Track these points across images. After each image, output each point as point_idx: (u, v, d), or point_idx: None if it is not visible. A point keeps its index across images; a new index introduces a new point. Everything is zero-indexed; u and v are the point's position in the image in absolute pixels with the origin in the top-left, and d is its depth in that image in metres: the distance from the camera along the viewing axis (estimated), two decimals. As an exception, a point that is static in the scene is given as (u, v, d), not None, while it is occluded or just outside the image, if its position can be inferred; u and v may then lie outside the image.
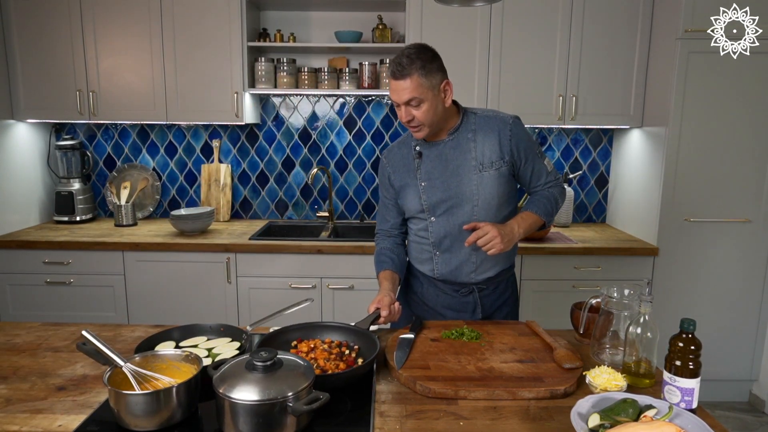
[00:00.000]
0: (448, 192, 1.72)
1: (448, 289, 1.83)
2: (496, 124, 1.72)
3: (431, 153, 1.74)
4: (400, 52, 1.61)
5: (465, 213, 1.73)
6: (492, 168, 1.70)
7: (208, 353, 1.42)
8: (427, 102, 1.61)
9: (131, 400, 1.10)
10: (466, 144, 1.71)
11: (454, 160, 1.72)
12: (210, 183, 3.36)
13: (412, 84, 1.58)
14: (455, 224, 1.74)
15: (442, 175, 1.73)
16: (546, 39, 2.91)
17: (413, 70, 1.57)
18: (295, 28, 3.22)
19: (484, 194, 1.71)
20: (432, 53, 1.63)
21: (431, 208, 1.75)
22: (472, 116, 1.75)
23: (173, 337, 1.49)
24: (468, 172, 1.71)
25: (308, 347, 1.45)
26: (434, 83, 1.61)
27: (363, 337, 1.50)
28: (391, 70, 1.60)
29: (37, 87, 2.98)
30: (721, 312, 2.90)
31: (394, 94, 1.62)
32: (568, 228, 3.28)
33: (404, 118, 1.64)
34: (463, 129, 1.73)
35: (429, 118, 1.63)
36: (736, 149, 2.75)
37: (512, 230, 1.68)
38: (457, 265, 1.78)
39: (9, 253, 2.83)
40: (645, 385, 1.34)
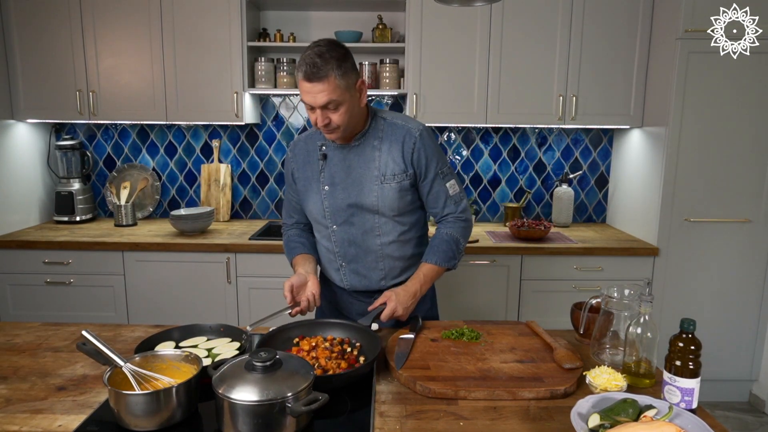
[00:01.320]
0: (349, 200, 1.65)
1: (361, 297, 1.78)
2: (402, 133, 1.63)
3: (336, 156, 1.66)
4: (310, 50, 1.48)
5: (367, 222, 1.67)
6: (393, 181, 1.63)
7: (207, 353, 1.42)
8: (345, 104, 1.51)
9: (131, 400, 1.10)
10: (371, 152, 1.63)
11: (357, 168, 1.64)
12: (210, 183, 3.36)
13: (329, 86, 1.47)
14: (358, 233, 1.68)
15: (344, 182, 1.65)
16: (546, 39, 2.91)
17: (329, 70, 1.46)
18: (295, 28, 3.22)
19: (385, 205, 1.64)
20: (345, 50, 1.52)
21: (333, 215, 1.68)
22: (381, 122, 1.65)
23: (173, 337, 1.49)
24: (370, 182, 1.63)
25: (309, 345, 1.45)
26: (350, 83, 1.51)
27: (365, 334, 1.50)
28: (304, 71, 1.46)
29: (37, 87, 2.98)
30: (721, 312, 2.89)
31: (309, 96, 1.49)
32: (568, 228, 3.28)
33: (320, 123, 1.52)
34: (370, 135, 1.64)
35: (346, 120, 1.54)
36: (736, 149, 2.75)
37: (414, 293, 1.63)
38: (366, 274, 1.73)
39: (9, 253, 2.83)
40: (645, 385, 1.33)
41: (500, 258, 2.82)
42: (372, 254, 1.71)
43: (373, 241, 1.69)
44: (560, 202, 3.27)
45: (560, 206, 3.28)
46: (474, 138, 3.37)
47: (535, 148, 3.38)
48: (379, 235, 1.69)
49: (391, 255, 1.72)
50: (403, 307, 1.60)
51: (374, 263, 1.72)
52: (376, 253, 1.71)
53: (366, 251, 1.71)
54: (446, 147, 3.37)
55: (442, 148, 3.35)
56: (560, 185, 3.30)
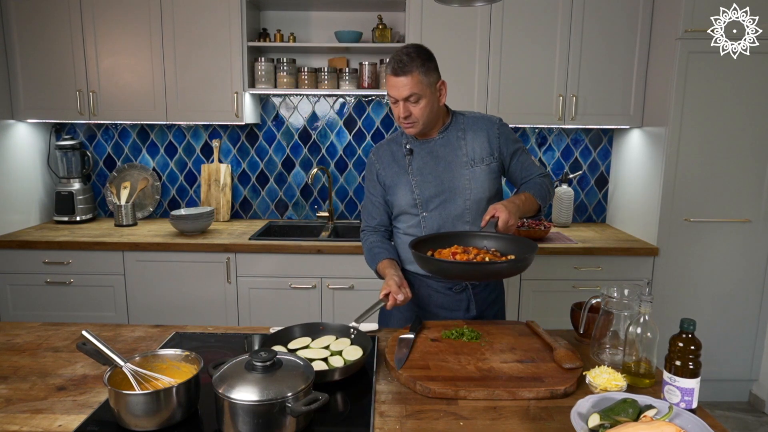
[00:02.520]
0: (440, 186, 1.76)
1: (440, 287, 1.83)
2: (484, 123, 1.79)
3: (422, 150, 1.78)
4: (399, 50, 1.66)
5: (458, 207, 1.76)
6: (483, 163, 1.76)
7: (339, 354, 1.43)
8: (425, 99, 1.66)
9: (131, 400, 1.10)
10: (456, 141, 1.77)
11: (445, 157, 1.76)
12: (210, 183, 3.36)
13: (413, 80, 1.63)
14: (448, 218, 1.77)
15: (434, 171, 1.76)
16: (546, 39, 2.91)
17: (414, 67, 1.63)
18: (295, 28, 3.22)
19: (476, 188, 1.75)
20: (429, 53, 1.69)
21: (424, 203, 1.77)
22: (460, 117, 1.81)
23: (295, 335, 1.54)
24: (459, 167, 1.75)
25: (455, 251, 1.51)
26: (432, 81, 1.67)
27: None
28: (392, 66, 1.64)
29: (37, 87, 2.98)
30: (721, 312, 2.89)
31: (394, 90, 1.65)
32: (568, 228, 3.28)
33: (402, 114, 1.67)
34: (453, 128, 1.79)
35: (425, 114, 1.68)
36: (736, 149, 2.75)
37: (518, 205, 1.67)
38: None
39: (9, 253, 2.83)
40: (645, 385, 1.34)
41: (500, 258, 2.82)
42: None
43: (462, 227, 1.77)
44: (560, 202, 3.27)
45: (560, 206, 3.27)
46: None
47: (535, 148, 3.38)
48: (468, 221, 1.77)
49: None
50: (514, 216, 1.61)
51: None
52: None
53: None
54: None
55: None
56: (560, 185, 3.30)
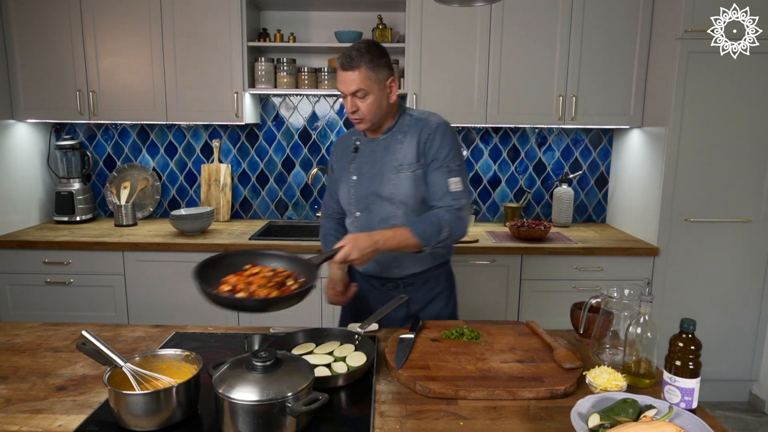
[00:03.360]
0: (370, 188, 1.78)
1: (376, 283, 1.87)
2: (420, 126, 1.73)
3: (366, 149, 1.81)
4: (351, 45, 1.67)
5: (385, 211, 1.77)
6: (408, 170, 1.73)
7: (343, 360, 1.42)
8: (373, 95, 1.67)
9: (131, 400, 1.10)
10: (395, 145, 1.76)
11: (381, 159, 1.78)
12: (210, 183, 3.36)
13: (360, 76, 1.64)
14: (375, 220, 1.78)
15: (369, 172, 1.79)
16: (546, 39, 2.91)
17: (362, 62, 1.64)
18: (295, 28, 3.22)
19: (400, 194, 1.73)
20: (382, 50, 1.69)
21: (357, 203, 1.81)
22: (407, 118, 1.78)
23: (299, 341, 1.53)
24: (388, 172, 1.75)
25: (251, 273, 1.43)
26: (381, 78, 1.67)
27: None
28: (340, 61, 1.65)
29: (37, 87, 2.98)
30: (721, 312, 2.89)
31: (342, 84, 1.67)
32: (568, 228, 3.27)
33: (349, 109, 1.69)
34: (396, 130, 1.78)
35: (372, 111, 1.69)
36: (736, 149, 2.75)
37: (375, 241, 1.58)
38: (380, 260, 1.79)
39: (9, 253, 2.83)
40: (645, 385, 1.33)
41: (500, 258, 2.82)
42: None
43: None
44: (560, 202, 3.27)
45: (560, 206, 3.27)
46: (474, 138, 3.37)
47: (535, 148, 3.38)
48: (394, 225, 1.75)
49: None
50: (359, 252, 1.53)
51: (389, 251, 1.72)
52: None
53: None
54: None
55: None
56: (560, 185, 3.30)
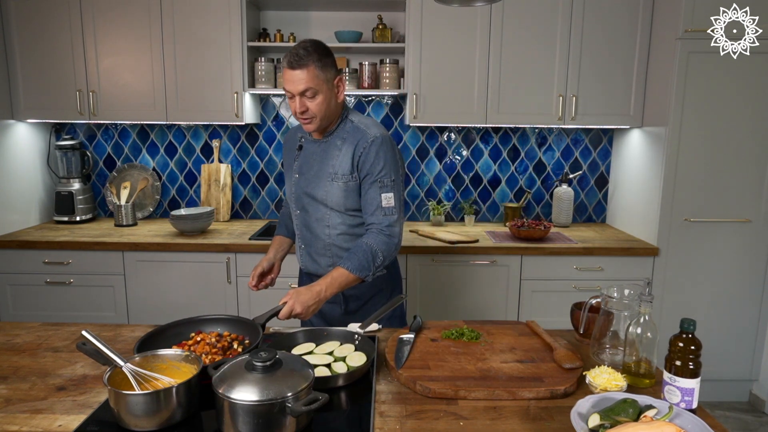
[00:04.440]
0: (306, 189, 1.81)
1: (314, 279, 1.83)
2: (358, 137, 1.72)
3: (309, 149, 1.83)
4: (296, 45, 1.67)
5: (319, 212, 1.81)
6: (341, 180, 1.74)
7: (340, 360, 1.41)
8: (322, 94, 1.67)
9: (131, 401, 1.10)
10: (333, 150, 1.77)
11: (318, 163, 1.79)
12: (210, 183, 3.36)
13: (309, 75, 1.63)
14: (311, 220, 1.83)
15: (307, 173, 1.81)
16: (546, 39, 2.91)
17: (310, 61, 1.63)
18: (295, 28, 3.22)
19: (332, 201, 1.77)
20: (327, 49, 1.69)
21: (296, 201, 1.86)
22: (349, 123, 1.78)
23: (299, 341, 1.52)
24: (323, 178, 1.77)
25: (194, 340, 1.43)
26: (329, 77, 1.68)
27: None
28: (288, 60, 1.64)
29: (37, 87, 2.98)
30: (721, 312, 2.89)
31: (290, 84, 1.65)
32: (568, 228, 3.28)
33: (298, 109, 1.67)
34: (336, 135, 1.78)
35: (322, 110, 1.69)
36: (736, 149, 2.75)
37: (317, 292, 1.61)
38: (316, 259, 1.86)
39: (9, 253, 2.83)
40: (645, 385, 1.34)
41: (500, 258, 2.82)
42: (321, 241, 1.84)
43: (322, 230, 1.83)
44: (560, 202, 3.27)
45: (560, 206, 3.27)
46: (474, 138, 3.37)
47: (535, 148, 3.38)
48: (327, 226, 1.82)
49: (339, 245, 1.83)
50: (302, 306, 1.57)
51: (323, 250, 1.85)
52: (324, 240, 1.84)
53: (316, 237, 1.85)
54: (446, 147, 3.37)
55: (441, 148, 3.36)
56: (560, 185, 3.30)
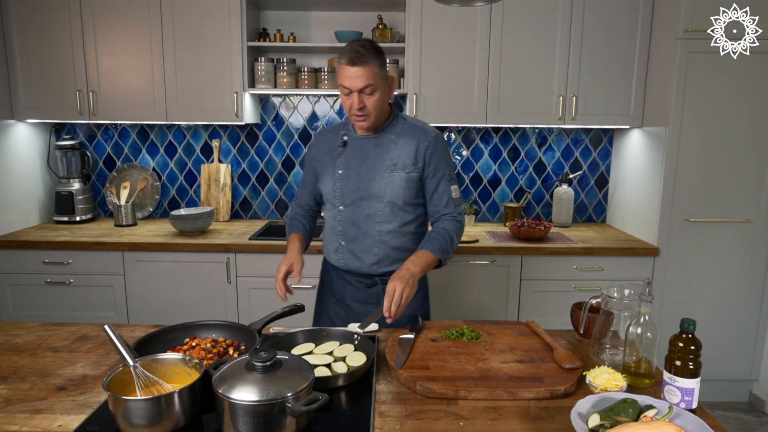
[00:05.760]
0: (359, 184, 1.80)
1: (353, 280, 1.89)
2: (418, 133, 1.80)
3: (355, 145, 1.83)
4: (353, 42, 1.69)
5: (371, 207, 1.80)
6: (403, 171, 1.77)
7: (343, 360, 1.41)
8: (379, 91, 1.70)
9: (131, 406, 1.08)
10: (387, 145, 1.80)
11: (372, 157, 1.80)
12: (210, 183, 3.36)
13: (369, 72, 1.65)
14: (360, 216, 1.81)
15: (358, 168, 1.80)
16: (546, 39, 2.91)
17: (370, 58, 1.66)
18: (295, 28, 3.22)
19: (391, 194, 1.77)
20: (381, 50, 1.73)
21: (342, 197, 1.83)
22: (401, 121, 1.83)
23: (299, 341, 1.52)
24: (381, 171, 1.78)
25: (189, 346, 1.44)
26: (385, 75, 1.72)
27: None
28: (348, 56, 1.65)
29: (37, 87, 2.98)
30: (721, 312, 2.89)
31: (349, 80, 1.66)
32: (568, 228, 3.27)
33: (356, 106, 1.69)
34: (388, 130, 1.81)
35: (378, 107, 1.72)
36: (736, 149, 2.75)
37: (412, 273, 1.65)
38: (360, 256, 1.84)
39: (9, 253, 2.83)
40: (645, 385, 1.34)
41: (500, 258, 2.82)
42: (369, 238, 1.82)
43: (372, 227, 1.81)
44: (560, 202, 3.27)
45: (560, 206, 3.27)
46: (474, 138, 3.37)
47: (535, 148, 3.38)
48: (379, 222, 1.80)
49: (387, 243, 1.82)
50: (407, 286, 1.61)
51: (369, 247, 1.83)
52: (373, 237, 1.82)
53: (365, 234, 1.82)
54: (446, 147, 3.37)
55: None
56: (560, 185, 3.30)
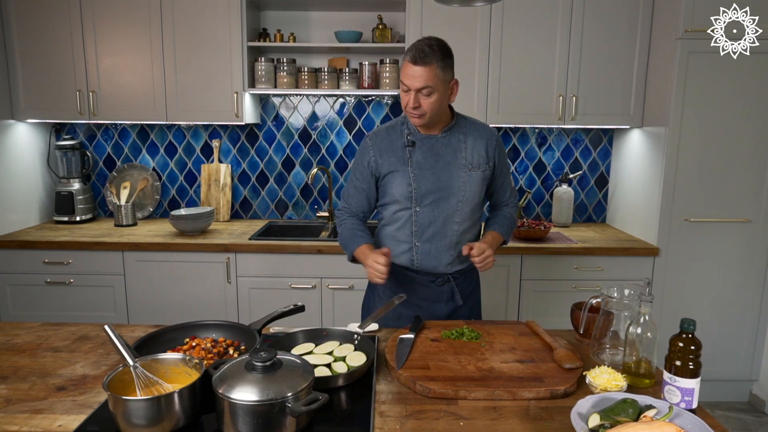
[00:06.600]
0: (437, 183, 1.78)
1: (424, 280, 1.86)
2: (485, 131, 1.85)
3: (424, 145, 1.79)
4: (422, 40, 1.66)
5: (450, 206, 1.80)
6: (479, 169, 1.81)
7: (343, 360, 1.41)
8: (437, 94, 1.67)
9: (131, 406, 1.07)
10: (458, 144, 1.80)
11: (445, 156, 1.79)
12: (210, 183, 3.36)
13: (430, 73, 1.63)
14: (440, 215, 1.80)
15: (433, 167, 1.78)
16: (546, 39, 2.91)
17: (434, 59, 1.63)
18: (295, 28, 3.22)
19: (470, 191, 1.80)
20: (450, 51, 1.70)
21: (419, 197, 1.79)
22: (462, 120, 1.85)
23: (299, 341, 1.52)
24: (458, 169, 1.79)
25: (190, 345, 1.43)
26: (447, 78, 1.68)
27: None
28: (412, 54, 1.63)
29: (37, 87, 2.98)
30: (721, 312, 2.89)
31: (409, 78, 1.65)
32: (568, 228, 3.27)
33: (411, 104, 1.67)
34: (456, 129, 1.82)
35: (434, 109, 1.69)
36: (736, 149, 2.75)
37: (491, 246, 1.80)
38: (437, 256, 1.82)
39: (9, 253, 2.83)
40: (645, 385, 1.34)
41: (500, 258, 2.82)
42: (447, 238, 1.82)
43: (450, 226, 1.81)
44: (560, 202, 3.27)
45: (560, 206, 3.27)
46: (474, 138, 3.37)
47: (535, 148, 3.38)
48: (457, 221, 1.82)
49: (461, 242, 1.84)
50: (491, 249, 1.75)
51: (447, 247, 1.83)
52: (450, 237, 1.82)
53: (443, 235, 1.81)
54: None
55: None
56: (560, 185, 3.30)
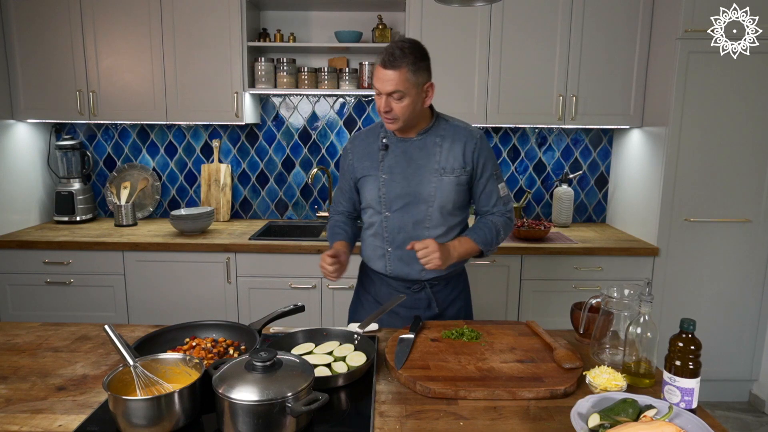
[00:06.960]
0: (407, 189, 1.75)
1: (400, 286, 1.85)
2: (464, 134, 1.77)
3: (397, 148, 1.77)
4: (395, 42, 1.63)
5: (420, 212, 1.76)
6: (452, 174, 1.74)
7: (343, 360, 1.41)
8: (409, 98, 1.63)
9: (131, 406, 1.08)
10: (432, 147, 1.75)
11: (417, 160, 1.75)
12: (210, 183, 3.36)
13: (400, 77, 1.60)
14: (409, 221, 1.77)
15: (404, 172, 1.75)
16: (546, 39, 2.91)
17: (404, 63, 1.60)
18: (295, 28, 3.22)
19: (440, 197, 1.74)
20: (424, 52, 1.66)
21: (388, 202, 1.77)
22: (443, 122, 1.79)
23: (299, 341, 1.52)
24: (429, 174, 1.74)
25: (190, 345, 1.44)
26: (419, 81, 1.64)
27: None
28: (382, 58, 1.61)
29: (37, 87, 2.98)
30: (721, 312, 2.89)
31: (379, 82, 1.63)
32: (568, 228, 3.27)
33: (382, 108, 1.65)
34: (432, 132, 1.77)
35: (406, 113, 1.66)
36: (736, 149, 2.75)
37: (449, 252, 1.69)
38: (409, 262, 1.80)
39: (9, 253, 2.83)
40: (645, 385, 1.34)
41: (500, 258, 2.82)
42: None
43: (421, 232, 1.77)
44: (560, 202, 3.27)
45: (560, 206, 3.27)
46: (474, 138, 3.37)
47: (534, 148, 3.38)
48: (428, 227, 1.77)
49: None
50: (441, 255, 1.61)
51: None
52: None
53: (414, 240, 1.75)
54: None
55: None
56: (560, 185, 3.30)
